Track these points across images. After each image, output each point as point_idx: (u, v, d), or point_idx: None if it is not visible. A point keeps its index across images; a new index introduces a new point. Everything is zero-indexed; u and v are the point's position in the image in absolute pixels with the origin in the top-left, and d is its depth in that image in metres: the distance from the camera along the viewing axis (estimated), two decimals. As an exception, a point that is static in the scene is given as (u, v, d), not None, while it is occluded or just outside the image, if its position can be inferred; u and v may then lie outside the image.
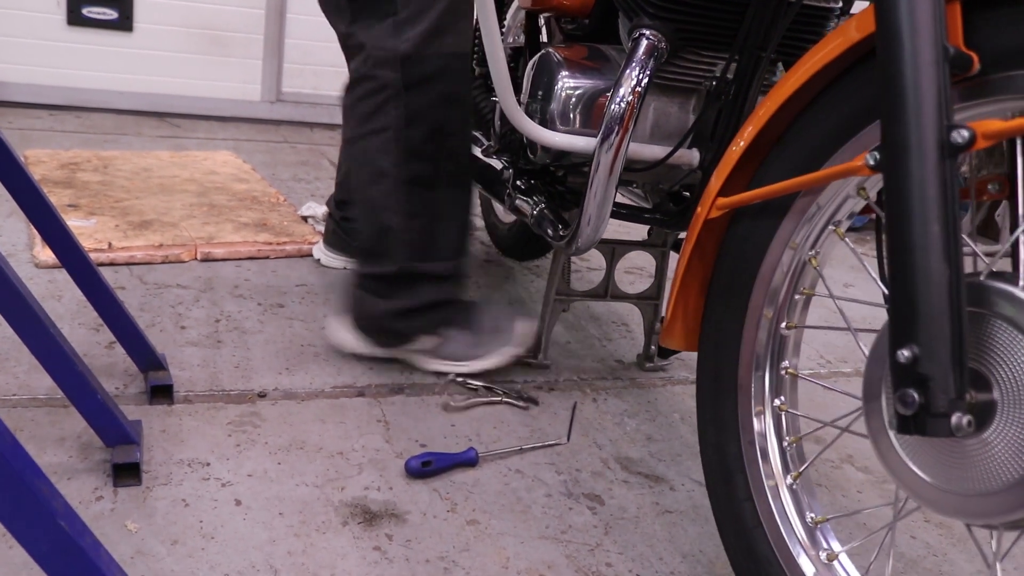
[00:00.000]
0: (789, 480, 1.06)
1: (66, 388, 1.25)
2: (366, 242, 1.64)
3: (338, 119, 4.13)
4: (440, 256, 1.64)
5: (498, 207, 2.25)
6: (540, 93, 1.45)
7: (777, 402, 1.08)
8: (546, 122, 1.43)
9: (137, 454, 1.28)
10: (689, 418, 1.71)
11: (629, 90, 1.29)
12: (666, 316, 1.15)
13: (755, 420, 1.08)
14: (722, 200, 1.05)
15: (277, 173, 3.08)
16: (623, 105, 1.29)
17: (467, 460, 1.43)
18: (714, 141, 1.38)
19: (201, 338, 1.75)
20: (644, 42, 1.29)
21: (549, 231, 1.54)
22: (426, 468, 1.38)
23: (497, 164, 1.69)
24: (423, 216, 1.60)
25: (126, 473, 1.27)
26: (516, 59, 2.00)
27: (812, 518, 1.04)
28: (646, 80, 1.29)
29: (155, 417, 1.46)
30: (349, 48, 1.61)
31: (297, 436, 1.45)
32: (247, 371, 1.64)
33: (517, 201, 1.63)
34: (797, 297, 1.05)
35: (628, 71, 1.30)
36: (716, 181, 1.05)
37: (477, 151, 1.76)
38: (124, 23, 3.77)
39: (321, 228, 2.39)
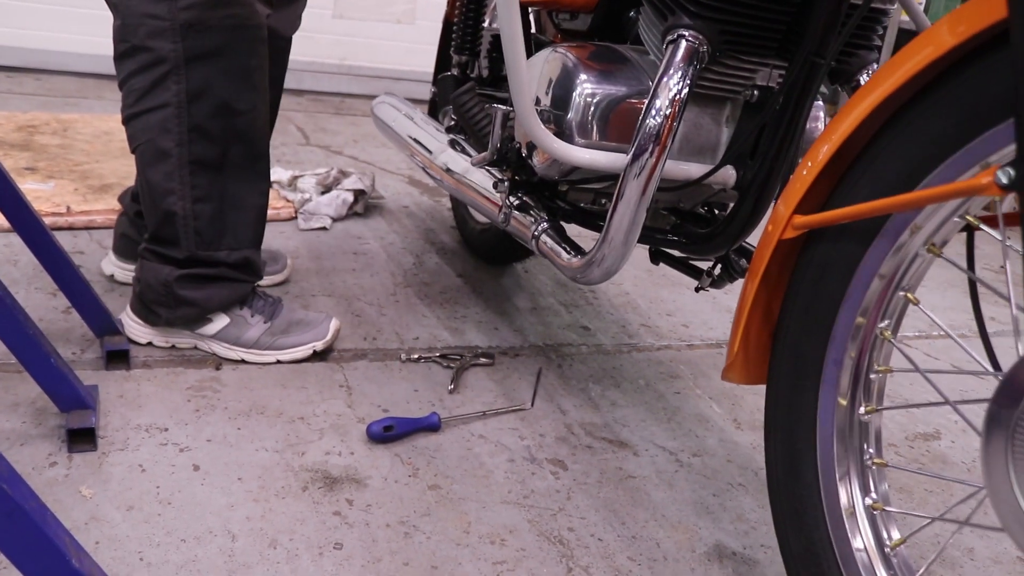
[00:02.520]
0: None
1: (18, 352, 1.22)
2: (153, 227, 1.50)
3: (305, 84, 4.08)
4: (230, 245, 1.51)
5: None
6: (553, 100, 1.30)
7: (868, 500, 1.00)
8: (563, 134, 1.28)
9: (92, 419, 1.26)
10: (654, 385, 1.71)
11: (667, 101, 1.15)
12: (731, 349, 1.07)
13: (845, 520, 1.00)
14: (800, 219, 0.97)
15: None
16: (660, 119, 1.15)
17: (430, 425, 1.42)
18: (756, 158, 1.25)
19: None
20: (683, 45, 1.16)
21: (558, 256, 1.41)
22: (388, 433, 1.37)
23: (488, 178, 1.58)
24: (211, 201, 1.47)
25: (81, 439, 1.25)
26: (497, 48, 1.95)
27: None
28: (686, 90, 1.16)
29: (112, 382, 1.43)
30: (110, 3, 1.44)
31: (257, 401, 1.44)
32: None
33: (514, 219, 1.51)
34: (885, 331, 0.97)
35: (665, 79, 1.15)
36: (791, 197, 0.98)
37: (463, 161, 1.68)
38: (84, -18, 3.69)
39: (287, 194, 2.35)
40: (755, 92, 1.25)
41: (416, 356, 1.65)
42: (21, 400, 1.35)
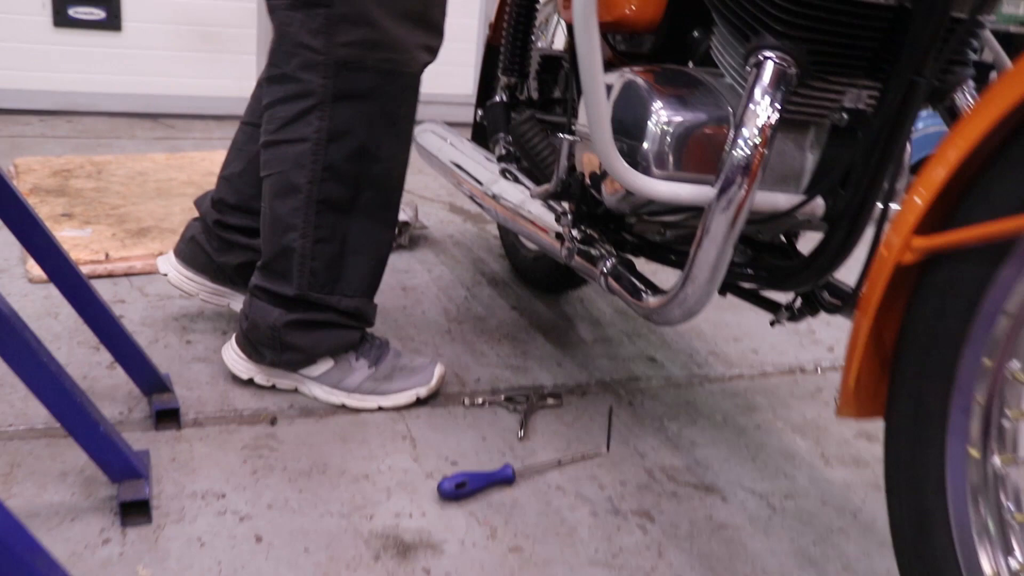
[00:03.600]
0: None
1: (65, 420, 1.14)
2: (267, 256, 1.45)
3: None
4: (345, 291, 1.46)
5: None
6: (626, 129, 1.20)
7: (1014, 564, 0.88)
8: (637, 165, 1.16)
9: (146, 489, 1.17)
10: (732, 419, 1.60)
11: (756, 130, 1.05)
12: (845, 384, 0.97)
13: None
14: (919, 241, 0.87)
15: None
16: (748, 148, 1.05)
17: (503, 478, 1.32)
18: (848, 187, 1.13)
19: (209, 353, 1.64)
20: (770, 67, 1.06)
21: (633, 295, 1.30)
22: (460, 490, 1.27)
23: (547, 210, 1.48)
24: (332, 243, 1.43)
25: (135, 511, 1.16)
26: (548, 69, 1.86)
27: None
28: (776, 116, 1.06)
29: (163, 444, 1.35)
30: (275, 22, 1.38)
31: (318, 459, 1.34)
32: (260, 387, 1.53)
33: (578, 254, 1.42)
34: (1018, 373, 0.86)
35: (752, 105, 1.05)
36: (908, 219, 0.88)
37: (519, 192, 1.58)
38: (112, 22, 3.64)
39: None
40: (844, 115, 1.15)
41: (481, 400, 1.55)
42: (69, 469, 1.26)
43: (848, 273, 1.20)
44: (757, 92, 1.07)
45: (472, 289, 2.07)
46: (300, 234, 1.41)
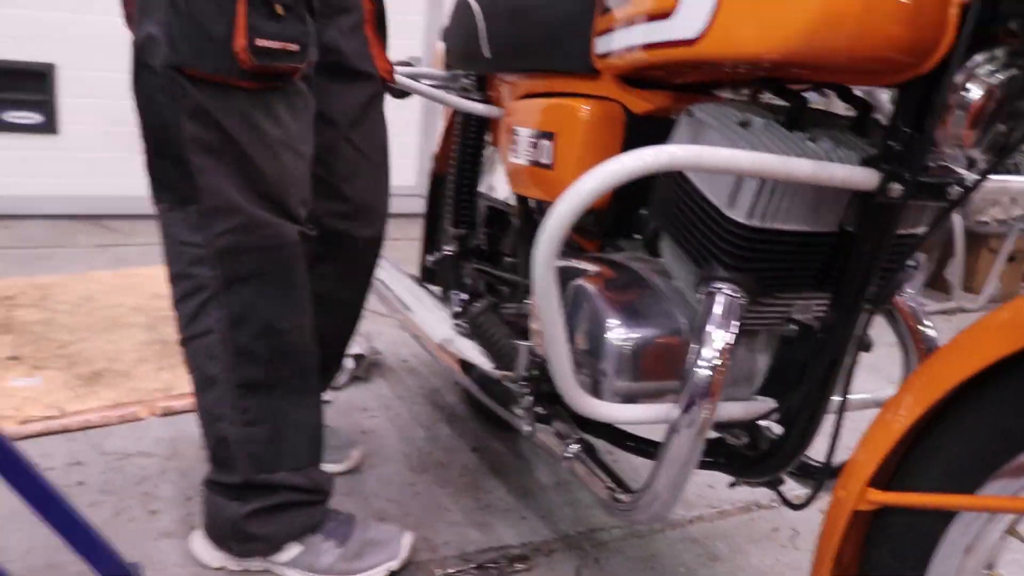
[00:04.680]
0: None
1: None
2: (209, 450, 1.47)
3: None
4: (288, 466, 1.47)
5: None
6: (581, 345, 1.22)
7: None
8: (594, 384, 1.20)
9: None
10: (695, 572, 1.64)
11: (714, 353, 1.09)
12: None
13: None
14: (875, 494, 0.94)
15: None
16: (709, 371, 1.09)
17: (478, 668, 1.35)
18: (801, 391, 1.19)
19: (175, 525, 1.63)
20: (720, 299, 1.11)
21: (594, 487, 1.34)
22: None
23: (511, 384, 1.51)
24: (264, 423, 1.44)
25: None
26: (495, 221, 1.90)
27: None
28: (731, 338, 1.11)
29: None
30: (160, 228, 1.40)
31: (293, 657, 1.36)
32: (225, 561, 1.53)
33: (540, 435, 1.45)
34: None
35: (708, 330, 1.11)
36: (863, 468, 0.95)
37: (479, 356, 1.63)
38: (48, 126, 3.62)
39: None
40: (794, 327, 1.21)
41: (452, 570, 1.57)
42: None
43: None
44: (711, 320, 1.12)
45: (432, 429, 2.09)
46: (229, 422, 1.42)
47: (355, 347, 2.30)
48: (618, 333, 1.20)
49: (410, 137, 4.21)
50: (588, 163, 1.39)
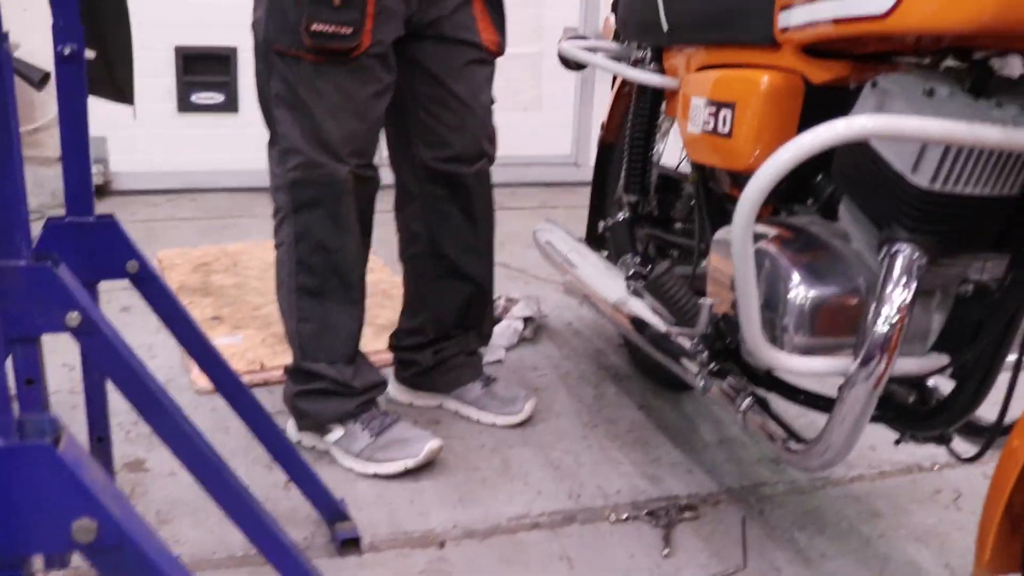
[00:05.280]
0: None
1: (267, 553, 1.29)
2: (286, 337, 1.85)
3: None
4: (325, 358, 1.80)
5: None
6: (765, 302, 1.30)
7: None
8: (776, 340, 1.29)
9: (350, 627, 1.33)
10: (856, 528, 1.71)
11: (894, 310, 1.16)
12: (980, 551, 1.07)
13: None
14: None
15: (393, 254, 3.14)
16: (887, 327, 1.17)
17: (656, 602, 1.46)
18: (975, 347, 1.25)
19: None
20: (900, 259, 1.18)
21: (768, 438, 1.44)
22: (621, 617, 1.41)
23: (683, 342, 1.62)
24: (311, 321, 1.79)
25: (342, 647, 1.32)
26: (667, 188, 1.99)
27: None
28: (911, 296, 1.18)
29: (349, 571, 1.51)
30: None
31: (488, 584, 1.50)
32: (422, 506, 1.69)
33: (714, 387, 1.55)
34: None
35: (888, 288, 1.18)
36: None
37: (653, 317, 1.73)
38: (230, 105, 3.88)
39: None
40: (969, 288, 1.27)
41: (625, 516, 1.69)
42: (273, 600, 1.43)
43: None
44: (892, 279, 1.19)
45: (599, 387, 2.21)
46: (290, 316, 1.82)
47: (524, 310, 2.43)
48: (800, 291, 1.28)
49: (566, 109, 4.30)
50: (767, 132, 1.48)
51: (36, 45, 3.00)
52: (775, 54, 1.49)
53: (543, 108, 4.20)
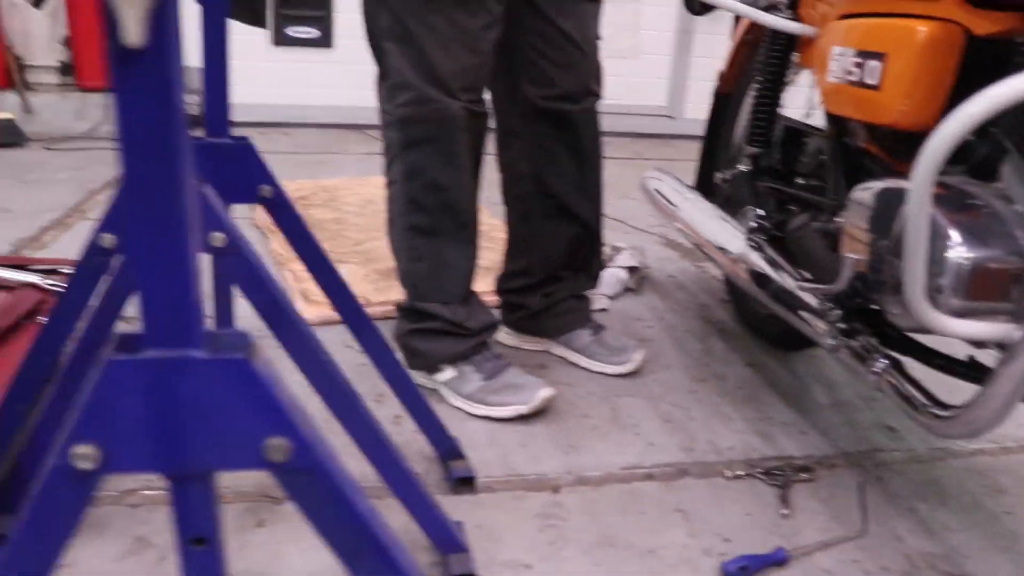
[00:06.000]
0: None
1: (395, 488, 1.28)
2: (399, 276, 1.84)
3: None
4: (439, 298, 1.78)
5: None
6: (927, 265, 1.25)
7: None
8: (932, 301, 1.23)
9: (473, 565, 1.32)
10: (981, 502, 1.65)
11: None
12: None
13: None
14: None
15: (492, 196, 3.11)
16: None
17: (778, 560, 1.43)
18: None
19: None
20: None
21: (909, 401, 1.38)
22: (744, 573, 1.38)
23: (812, 299, 1.57)
24: (425, 260, 1.77)
25: (466, 584, 1.31)
26: (792, 141, 1.92)
27: None
28: None
29: (464, 509, 1.50)
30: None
31: (604, 531, 1.47)
32: (534, 450, 1.67)
33: (845, 349, 1.49)
34: None
35: None
36: None
37: (777, 274, 1.68)
38: (324, 40, 3.87)
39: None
40: None
41: (740, 472, 1.65)
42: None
43: None
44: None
45: (705, 341, 2.17)
46: (403, 256, 1.80)
47: (629, 259, 2.39)
48: (959, 251, 1.22)
49: (663, 60, 4.21)
50: (922, 86, 1.41)
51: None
52: (933, 3, 1.41)
53: (640, 57, 4.12)
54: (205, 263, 0.79)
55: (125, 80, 0.53)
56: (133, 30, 0.51)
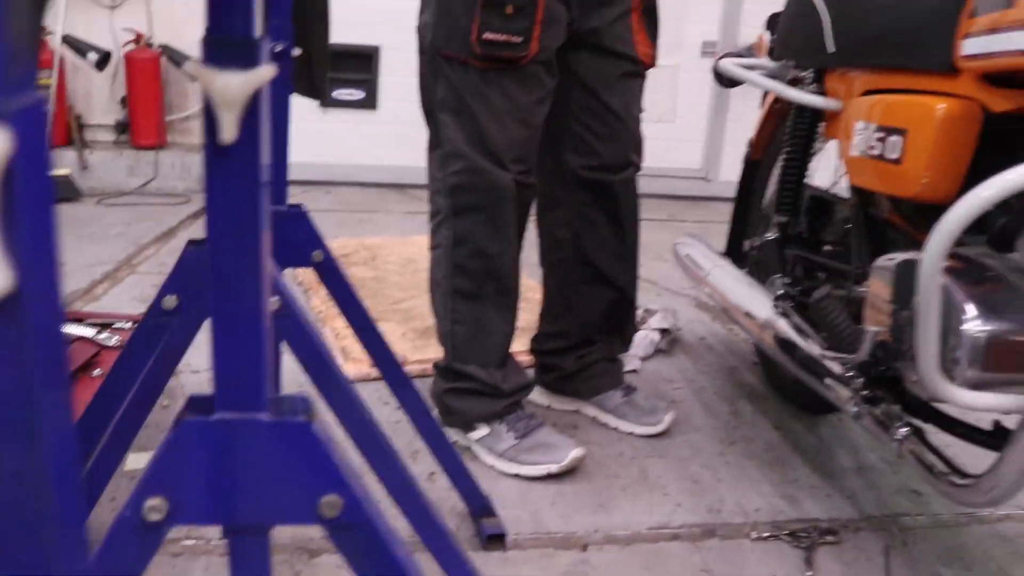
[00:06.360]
0: None
1: (430, 543, 1.33)
2: (438, 338, 1.90)
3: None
4: (477, 361, 1.83)
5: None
6: (940, 336, 1.29)
7: None
8: (948, 372, 1.27)
9: (503, 620, 1.37)
10: (1007, 569, 1.68)
11: None
12: None
13: None
14: None
15: (528, 256, 3.18)
16: None
17: (800, 623, 1.46)
18: None
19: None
20: None
21: (932, 470, 1.41)
22: (766, 636, 1.42)
23: (836, 366, 1.61)
24: (466, 324, 1.83)
25: (495, 639, 1.36)
26: (818, 209, 1.98)
27: None
28: None
29: (495, 565, 1.55)
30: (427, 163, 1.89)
31: (630, 590, 1.52)
32: (564, 508, 1.72)
33: (868, 416, 1.53)
34: None
35: None
36: None
37: (802, 341, 1.73)
38: (369, 102, 4.00)
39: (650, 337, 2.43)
40: None
41: (766, 535, 1.69)
42: (426, 586, 1.48)
43: None
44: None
45: (733, 404, 2.21)
46: (444, 318, 1.86)
47: (661, 322, 2.45)
48: (975, 324, 1.27)
49: (699, 123, 4.30)
50: (941, 160, 1.47)
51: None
52: (953, 81, 1.47)
53: (676, 121, 4.21)
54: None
55: (218, 170, 0.61)
56: (228, 129, 0.59)
